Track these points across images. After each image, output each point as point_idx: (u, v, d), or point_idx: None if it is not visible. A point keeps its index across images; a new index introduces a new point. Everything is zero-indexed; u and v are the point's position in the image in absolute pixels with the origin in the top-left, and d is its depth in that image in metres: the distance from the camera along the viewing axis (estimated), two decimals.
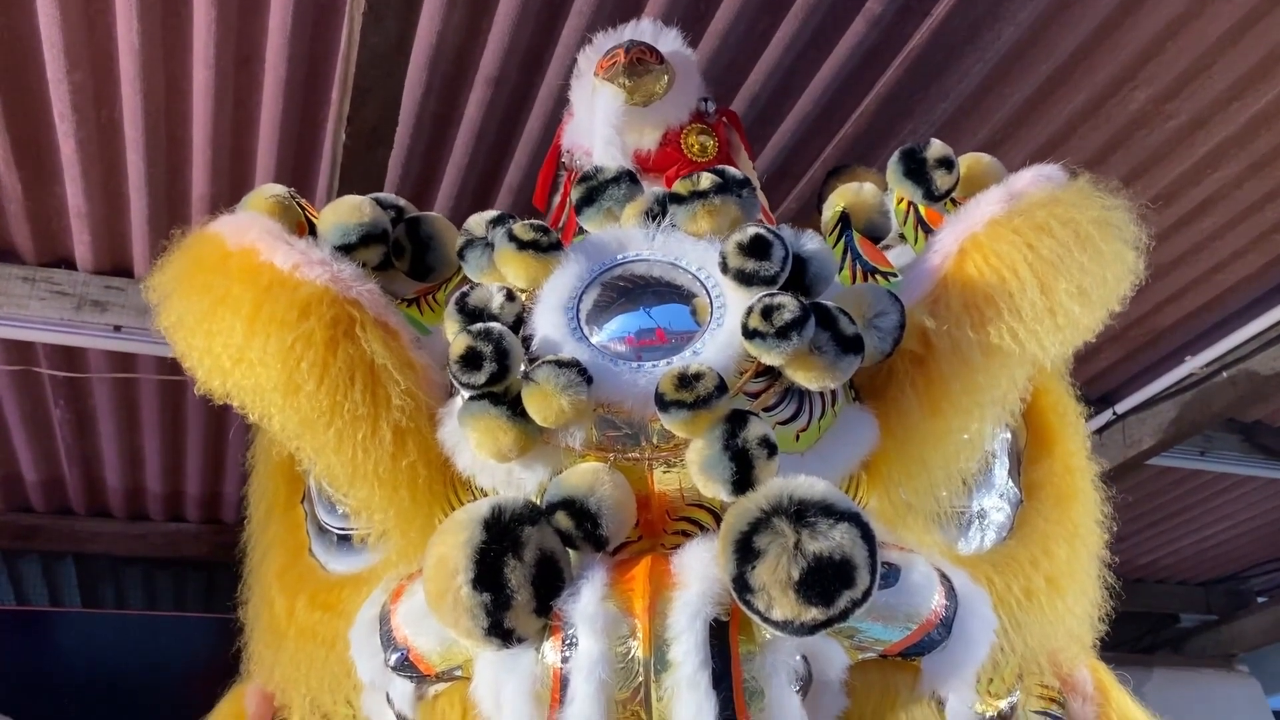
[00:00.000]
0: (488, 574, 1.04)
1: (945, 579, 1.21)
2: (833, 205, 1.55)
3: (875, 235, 1.53)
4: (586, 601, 1.05)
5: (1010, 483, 1.45)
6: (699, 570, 1.06)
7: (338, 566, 1.40)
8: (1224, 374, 2.88)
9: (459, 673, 1.16)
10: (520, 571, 1.04)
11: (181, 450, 3.76)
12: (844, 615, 1.02)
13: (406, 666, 1.18)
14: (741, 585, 1.01)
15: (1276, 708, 5.55)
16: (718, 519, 1.12)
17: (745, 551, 1.02)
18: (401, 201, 1.53)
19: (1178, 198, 2.70)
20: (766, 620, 1.02)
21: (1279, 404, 3.57)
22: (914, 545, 1.24)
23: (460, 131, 2.51)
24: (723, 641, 1.05)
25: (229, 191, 2.49)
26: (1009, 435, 1.46)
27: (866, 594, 1.02)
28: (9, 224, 2.63)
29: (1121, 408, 3.24)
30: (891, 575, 1.17)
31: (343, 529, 1.40)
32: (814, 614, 1.00)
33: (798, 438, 1.21)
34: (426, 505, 1.24)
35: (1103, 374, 3.32)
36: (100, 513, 4.21)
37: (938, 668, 1.17)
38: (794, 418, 1.21)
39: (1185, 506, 4.50)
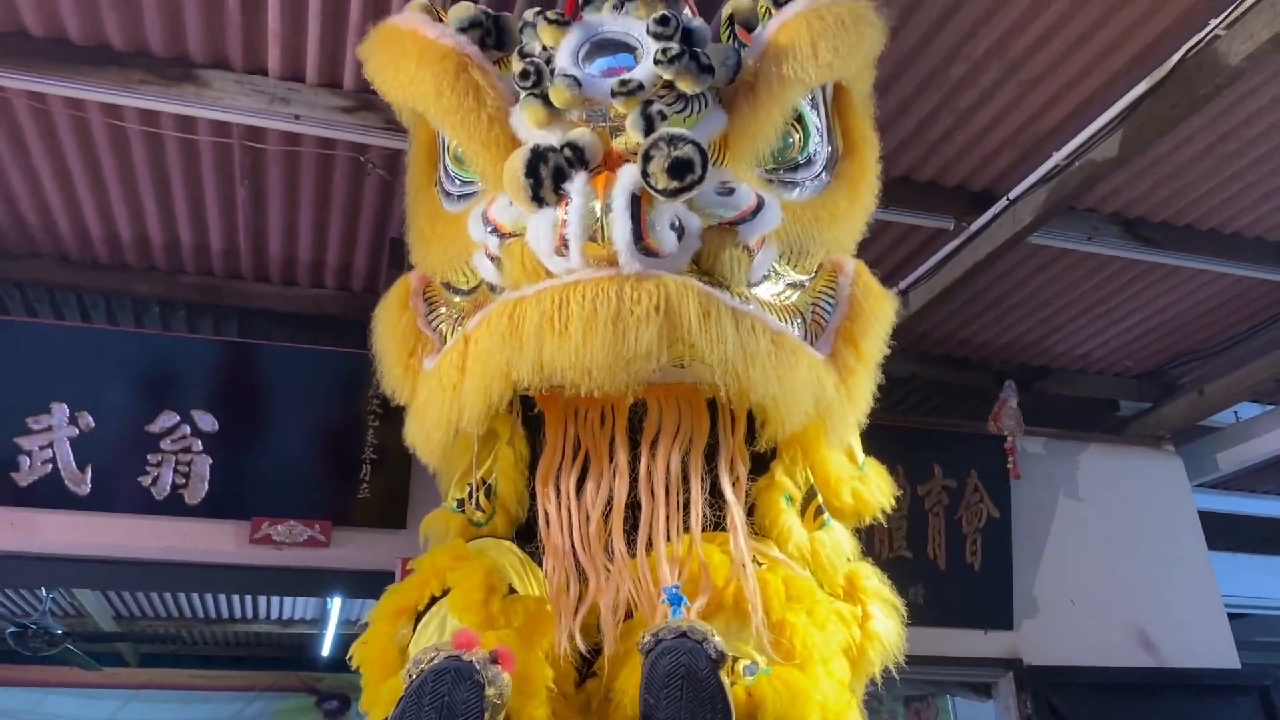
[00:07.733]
0: (532, 169, 2.29)
1: (759, 196, 2.44)
2: (727, 10, 2.72)
3: (749, 25, 2.69)
4: (577, 185, 2.28)
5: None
6: (629, 173, 2.29)
7: (453, 209, 2.67)
8: (1075, 163, 3.99)
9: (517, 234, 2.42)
10: (547, 170, 2.29)
11: (326, 224, 5.08)
12: (690, 187, 2.24)
13: (495, 232, 2.45)
14: (645, 174, 2.24)
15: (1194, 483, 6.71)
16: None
17: (646, 158, 2.25)
18: (490, 10, 2.75)
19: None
20: (655, 189, 2.25)
21: (1140, 195, 4.69)
22: (748, 180, 2.46)
23: None
24: (637, 205, 2.28)
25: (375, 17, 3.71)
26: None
27: (701, 179, 2.24)
28: (226, 42, 3.91)
29: (1013, 194, 4.37)
30: (730, 192, 2.40)
31: (459, 191, 2.66)
32: (674, 184, 2.23)
33: (685, 121, 2.41)
34: (505, 152, 2.47)
35: (1000, 175, 4.51)
36: (262, 278, 5.62)
37: (749, 230, 2.41)
38: (684, 110, 2.40)
39: (1106, 295, 5.59)
